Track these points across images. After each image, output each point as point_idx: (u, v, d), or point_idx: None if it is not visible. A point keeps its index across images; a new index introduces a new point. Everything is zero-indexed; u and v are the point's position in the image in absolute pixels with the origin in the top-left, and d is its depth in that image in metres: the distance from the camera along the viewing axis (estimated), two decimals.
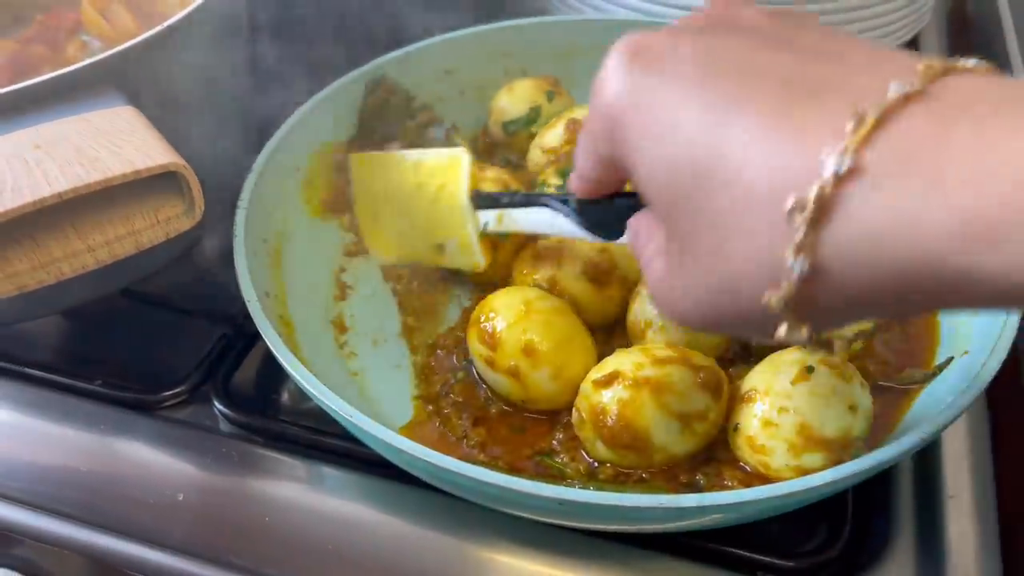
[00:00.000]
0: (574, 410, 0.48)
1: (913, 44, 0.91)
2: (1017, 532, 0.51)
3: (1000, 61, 0.87)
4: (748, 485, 0.43)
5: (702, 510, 0.39)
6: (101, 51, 0.53)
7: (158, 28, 0.53)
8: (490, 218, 0.56)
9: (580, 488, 0.45)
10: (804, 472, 0.42)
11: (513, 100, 0.68)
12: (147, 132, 0.46)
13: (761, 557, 0.46)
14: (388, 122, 0.68)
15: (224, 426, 0.56)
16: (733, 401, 0.48)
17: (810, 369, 0.46)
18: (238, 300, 0.51)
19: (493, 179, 0.60)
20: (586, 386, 0.47)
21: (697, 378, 0.46)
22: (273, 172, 0.59)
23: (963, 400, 0.43)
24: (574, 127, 0.64)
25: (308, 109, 0.63)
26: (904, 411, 0.50)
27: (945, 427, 0.42)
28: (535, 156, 0.66)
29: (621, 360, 0.47)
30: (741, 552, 0.47)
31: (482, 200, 0.56)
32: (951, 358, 0.50)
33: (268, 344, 0.47)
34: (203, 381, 0.58)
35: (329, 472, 0.53)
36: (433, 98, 0.71)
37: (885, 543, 0.48)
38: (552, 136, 0.65)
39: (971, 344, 0.49)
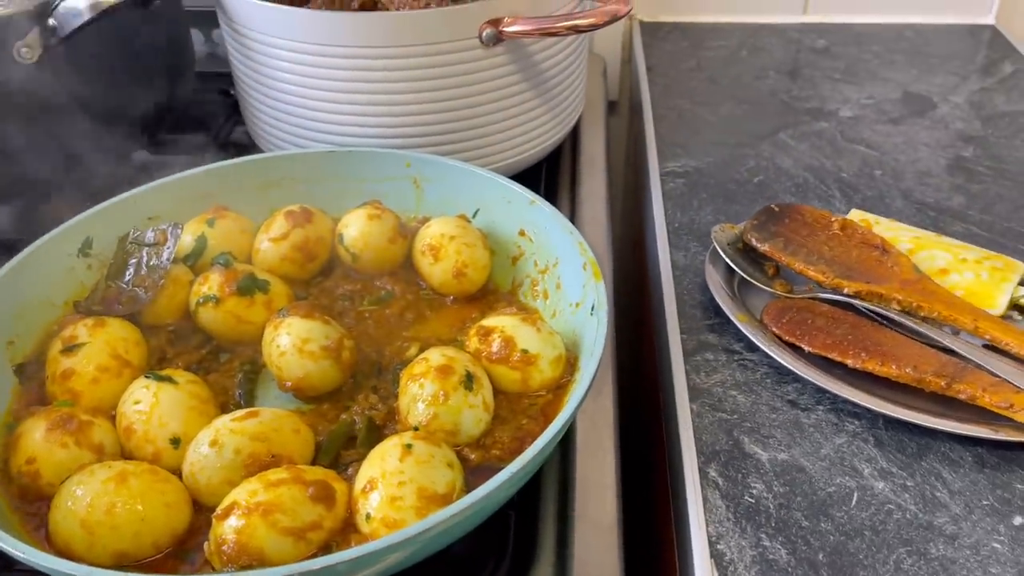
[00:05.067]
0: (206, 543, 0.53)
1: (576, 128, 1.06)
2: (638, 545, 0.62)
3: (640, 153, 1.04)
4: None
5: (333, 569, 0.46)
6: None
7: None
8: None
9: None
10: None
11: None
12: None
13: None
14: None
15: None
16: (355, 497, 0.55)
17: (409, 446, 0.56)
18: None
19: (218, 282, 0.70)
20: (213, 520, 0.53)
21: (307, 493, 0.53)
22: None
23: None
24: (293, 218, 0.77)
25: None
26: None
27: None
28: (266, 248, 0.76)
29: (240, 490, 0.53)
30: None
31: None
32: None
33: None
34: None
35: None
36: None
37: (532, 565, 0.58)
38: (278, 227, 0.77)
39: None
